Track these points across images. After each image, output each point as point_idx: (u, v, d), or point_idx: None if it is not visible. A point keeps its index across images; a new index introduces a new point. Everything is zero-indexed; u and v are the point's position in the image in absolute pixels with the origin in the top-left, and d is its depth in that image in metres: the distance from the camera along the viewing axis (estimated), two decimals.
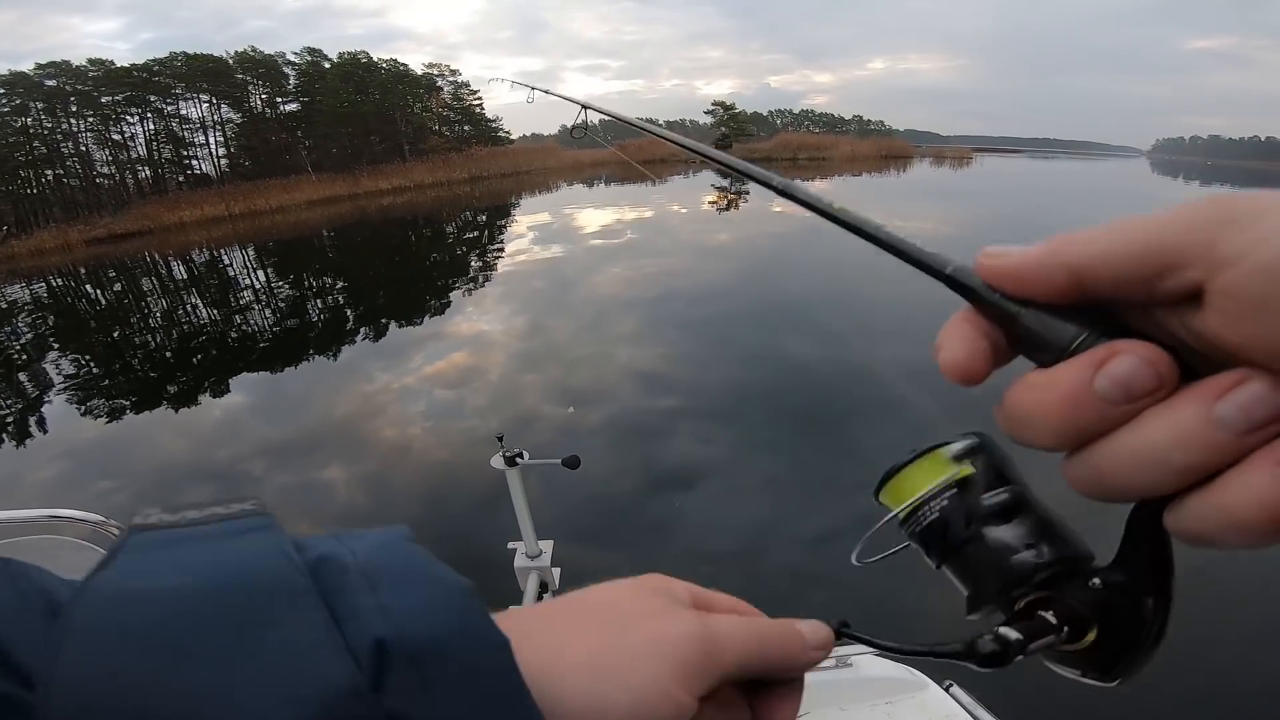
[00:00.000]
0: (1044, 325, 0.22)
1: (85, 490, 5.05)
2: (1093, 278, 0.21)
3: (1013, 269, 0.23)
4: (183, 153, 35.61)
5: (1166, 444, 0.19)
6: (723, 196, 24.26)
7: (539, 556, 1.58)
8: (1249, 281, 0.18)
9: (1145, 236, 0.20)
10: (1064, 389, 0.21)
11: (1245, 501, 0.18)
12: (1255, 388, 0.18)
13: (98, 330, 11.94)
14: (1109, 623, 0.26)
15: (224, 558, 0.21)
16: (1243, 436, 0.18)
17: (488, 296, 10.76)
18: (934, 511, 0.30)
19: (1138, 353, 0.20)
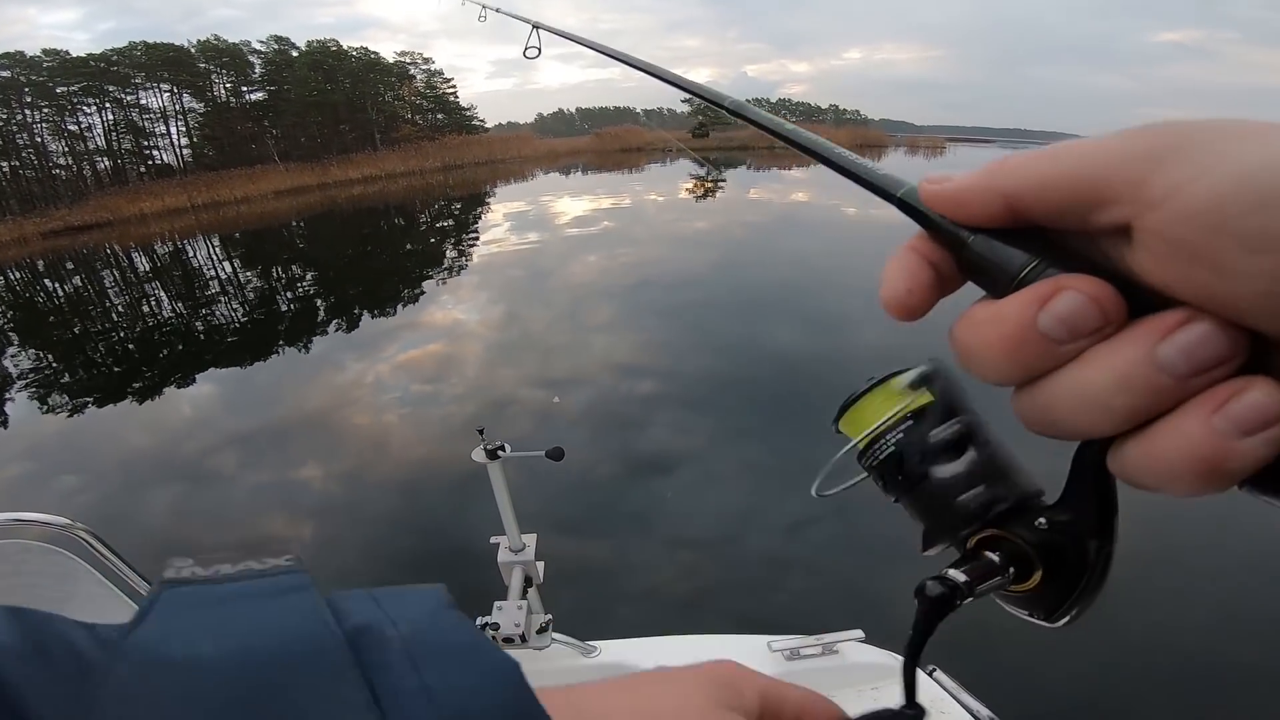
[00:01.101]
0: (993, 252, 0.22)
1: (49, 489, 4.90)
2: (1027, 206, 0.21)
3: (952, 194, 0.22)
4: (143, 143, 34.70)
5: (1109, 385, 0.19)
6: (700, 185, 24.24)
7: (522, 551, 1.55)
8: (1174, 225, 0.17)
9: (1079, 166, 0.19)
10: (1008, 326, 0.20)
11: (1178, 450, 0.18)
12: (1198, 329, 0.18)
13: (57, 325, 11.58)
14: (1053, 564, 0.25)
15: (262, 623, 0.20)
16: (1184, 380, 0.18)
17: (463, 286, 10.64)
18: (890, 444, 0.29)
19: (1082, 289, 0.19)
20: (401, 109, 42.66)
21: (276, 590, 0.22)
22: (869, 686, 1.36)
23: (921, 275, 0.24)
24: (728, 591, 3.19)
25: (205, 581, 0.22)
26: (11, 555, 1.45)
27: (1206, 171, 0.17)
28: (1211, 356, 0.18)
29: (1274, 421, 0.17)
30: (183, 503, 4.50)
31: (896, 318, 0.24)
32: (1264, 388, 0.17)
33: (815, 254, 11.55)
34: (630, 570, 3.39)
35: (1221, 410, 0.17)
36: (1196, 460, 0.18)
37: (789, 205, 19.02)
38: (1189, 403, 0.18)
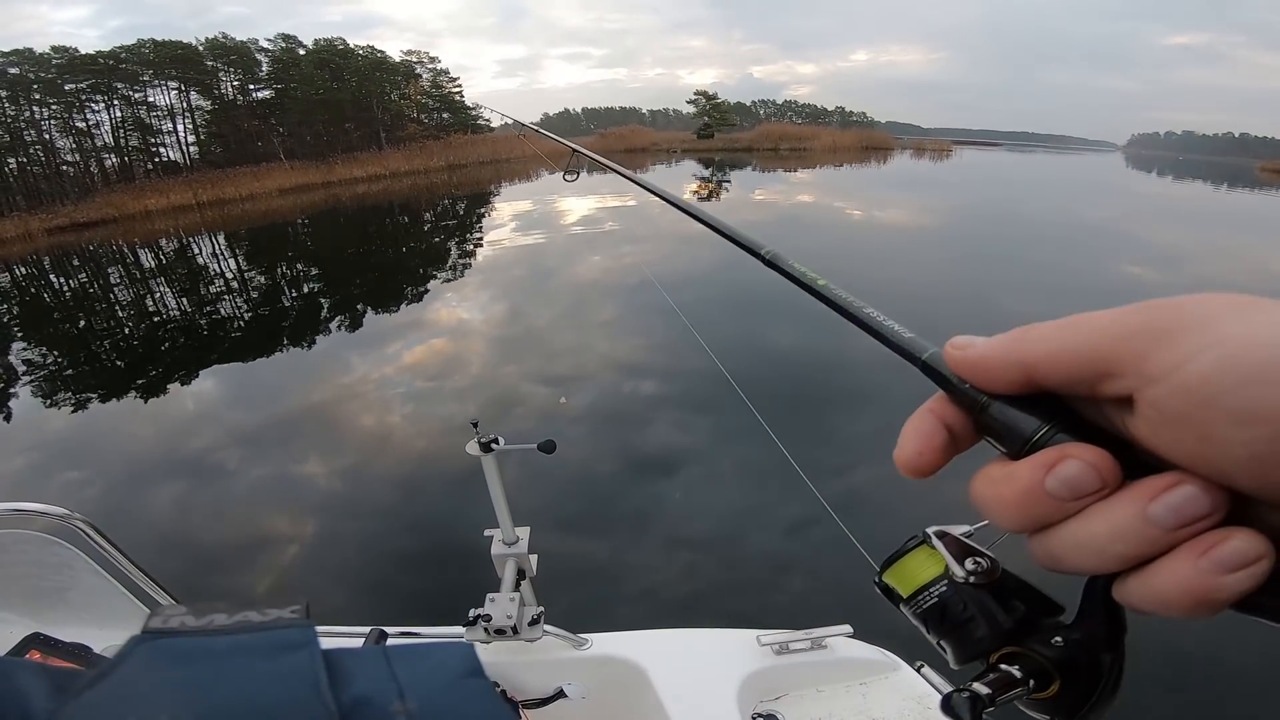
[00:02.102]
0: (1009, 417, 0.25)
1: (53, 482, 4.93)
2: (1043, 376, 0.24)
3: (975, 362, 0.25)
4: (150, 140, 34.81)
5: (1108, 537, 0.22)
6: (704, 186, 24.23)
7: (516, 543, 1.55)
8: (1171, 399, 0.20)
9: (1088, 342, 0.22)
10: (1020, 486, 0.23)
11: (1173, 587, 0.21)
12: (1186, 491, 0.21)
13: (63, 320, 11.64)
14: (1070, 676, 0.29)
15: (240, 687, 0.18)
16: (1172, 533, 0.21)
17: (467, 284, 10.66)
18: (934, 597, 0.34)
19: (1084, 457, 0.22)
20: (407, 108, 42.75)
21: (271, 646, 0.20)
22: (857, 681, 1.36)
23: (934, 438, 0.27)
24: (725, 592, 3.20)
25: (193, 633, 0.20)
26: (10, 545, 1.47)
27: (1200, 351, 0.19)
28: (1196, 513, 0.21)
29: (1252, 562, 0.20)
30: (186, 497, 4.52)
31: (908, 476, 0.27)
32: (1243, 537, 0.20)
33: (819, 255, 11.55)
34: (628, 570, 3.40)
35: (1207, 555, 0.20)
36: (1187, 595, 0.21)
37: (793, 206, 19.02)
38: (1180, 548, 0.21)
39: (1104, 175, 39.91)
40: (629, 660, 1.42)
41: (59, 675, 0.19)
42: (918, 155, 47.25)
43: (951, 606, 0.33)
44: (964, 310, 7.89)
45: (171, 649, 0.19)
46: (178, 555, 3.77)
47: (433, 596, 3.19)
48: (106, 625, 1.52)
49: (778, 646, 1.41)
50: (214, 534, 4.01)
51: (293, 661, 0.20)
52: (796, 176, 30.17)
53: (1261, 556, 0.20)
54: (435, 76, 43.82)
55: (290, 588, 3.47)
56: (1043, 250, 11.94)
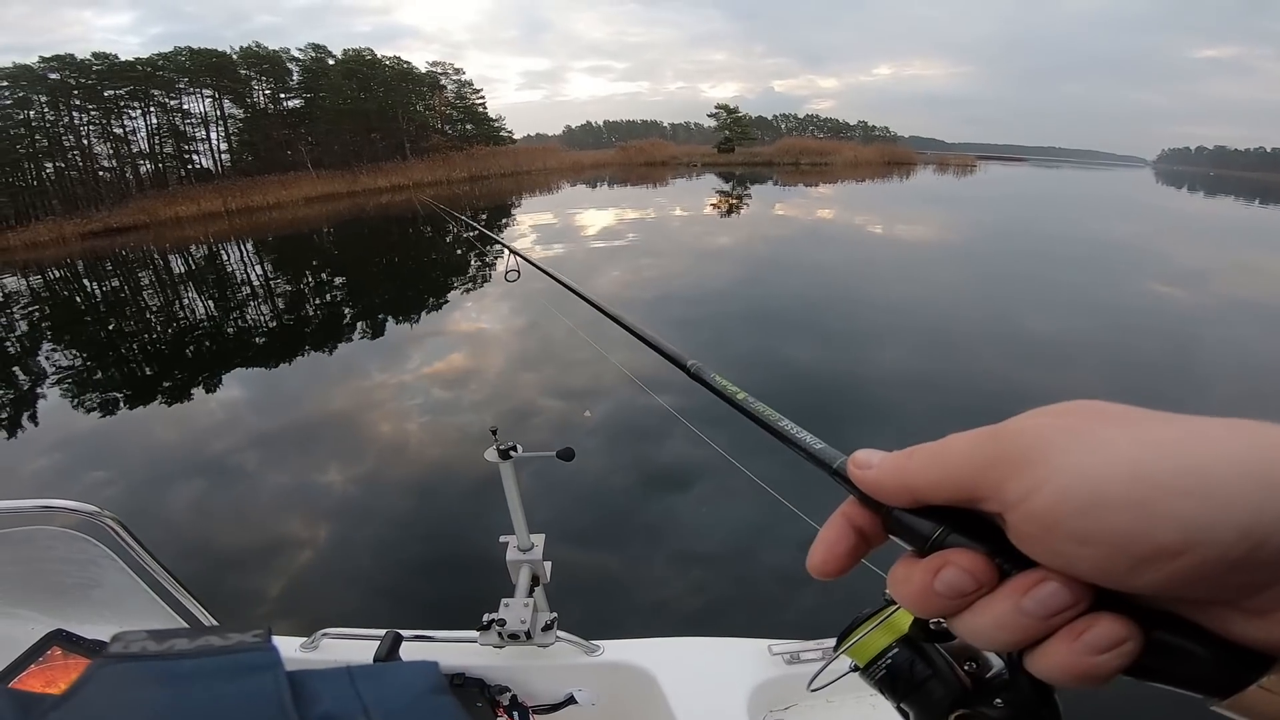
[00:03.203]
0: (908, 522, 0.28)
1: (79, 481, 5.04)
2: (925, 499, 0.27)
3: (872, 484, 0.29)
4: (184, 147, 35.65)
5: (993, 627, 0.25)
6: (724, 200, 24.30)
7: (530, 550, 1.57)
8: (1025, 524, 0.24)
9: (956, 471, 0.26)
10: (915, 587, 0.27)
11: (1057, 666, 0.24)
12: (1049, 588, 0.24)
13: (93, 323, 11.92)
14: None
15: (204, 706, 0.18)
16: (1044, 621, 0.24)
17: (487, 295, 10.76)
18: (886, 663, 0.38)
19: (961, 564, 0.26)
20: (431, 119, 43.36)
21: (235, 668, 0.20)
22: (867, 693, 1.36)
23: (839, 546, 0.30)
24: (737, 605, 3.19)
25: (154, 657, 0.20)
26: (40, 541, 1.49)
27: (1042, 484, 0.23)
28: (1061, 604, 0.24)
29: (1119, 644, 0.23)
30: (207, 499, 4.60)
31: (817, 578, 0.31)
32: (1106, 622, 0.23)
33: (839, 271, 11.52)
34: (640, 579, 3.40)
35: (1079, 640, 0.24)
36: (1070, 674, 0.24)
37: (814, 222, 18.99)
38: (1058, 633, 0.24)
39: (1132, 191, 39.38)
40: (640, 667, 1.43)
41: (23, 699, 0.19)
42: (941, 170, 46.96)
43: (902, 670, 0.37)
44: (986, 331, 7.82)
45: (134, 672, 0.19)
46: (197, 555, 3.83)
47: (448, 601, 3.21)
48: (129, 624, 1.53)
49: (789, 656, 1.41)
50: (233, 535, 4.07)
51: (257, 682, 0.20)
52: (817, 191, 30.13)
53: (1125, 639, 0.23)
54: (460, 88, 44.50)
55: (307, 590, 3.52)
56: (1066, 268, 11.79)
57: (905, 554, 0.29)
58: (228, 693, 0.19)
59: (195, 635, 0.21)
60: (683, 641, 1.52)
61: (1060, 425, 0.24)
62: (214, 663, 0.20)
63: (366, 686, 0.22)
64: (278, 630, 1.47)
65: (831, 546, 0.31)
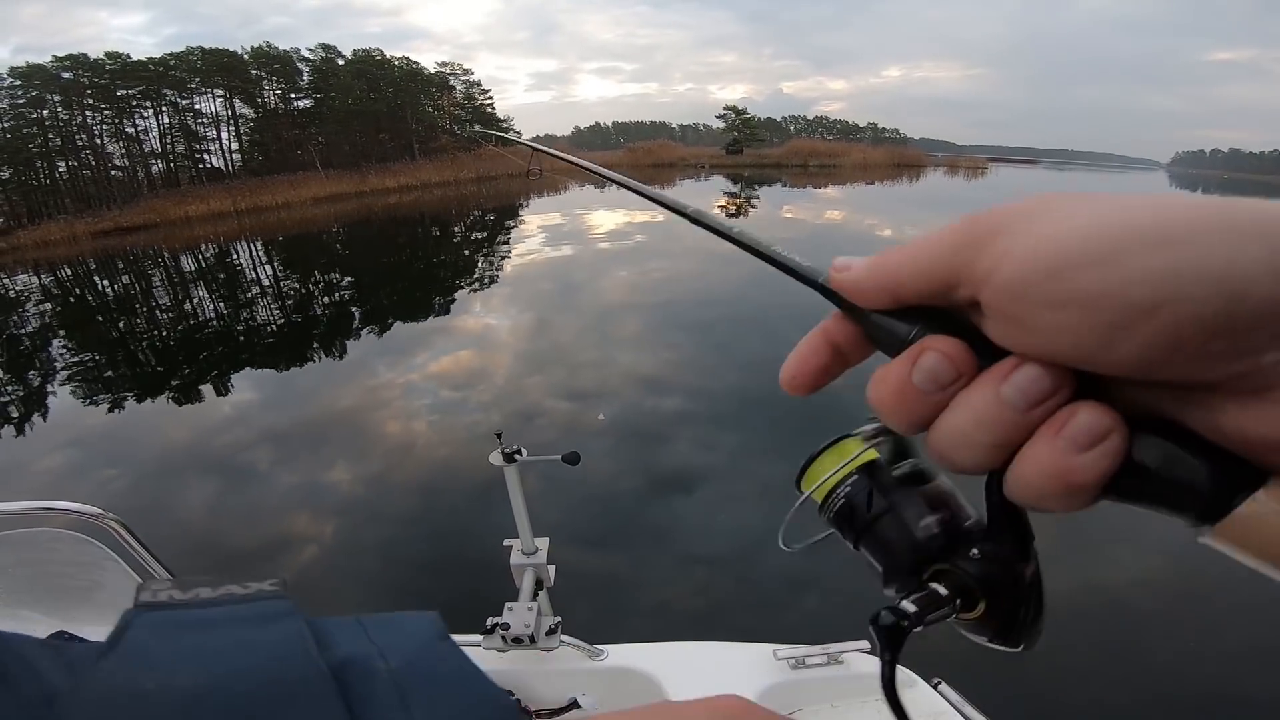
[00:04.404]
0: (886, 324, 0.27)
1: (89, 479, 5.08)
2: (905, 294, 0.25)
3: (851, 285, 0.27)
4: (195, 147, 35.88)
5: (972, 424, 0.23)
6: (732, 201, 24.27)
7: (535, 554, 1.57)
8: (996, 299, 0.22)
9: (930, 258, 0.24)
10: (893, 383, 0.25)
11: (1037, 472, 0.22)
12: (1027, 371, 0.22)
13: (104, 322, 12.01)
14: (992, 593, 0.28)
15: (240, 651, 0.19)
16: (1026, 413, 0.22)
17: (495, 296, 10.78)
18: (842, 496, 0.34)
19: (939, 348, 0.24)
20: (440, 119, 43.50)
21: (259, 617, 0.21)
22: (873, 697, 1.35)
23: (811, 360, 0.30)
24: (741, 608, 3.18)
25: (183, 605, 0.21)
26: (42, 543, 1.47)
27: (1009, 252, 0.21)
28: (1042, 391, 0.22)
29: (1104, 437, 0.21)
30: (215, 497, 4.62)
31: (789, 393, 0.30)
32: (1088, 410, 0.21)
33: None
34: (645, 585, 3.39)
35: (1061, 433, 0.21)
36: (1051, 479, 0.21)
37: (823, 224, 18.95)
38: (1038, 433, 0.22)
39: None
40: (644, 672, 1.43)
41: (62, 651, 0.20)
42: (951, 173, 46.76)
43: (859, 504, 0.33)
44: None
45: (169, 620, 0.20)
46: (204, 553, 3.85)
47: (452, 604, 3.21)
48: None
49: (794, 661, 1.40)
50: (240, 533, 4.09)
51: (282, 629, 0.21)
52: (826, 193, 30.05)
53: (1109, 429, 0.21)
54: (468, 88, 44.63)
55: (312, 589, 3.53)
56: None
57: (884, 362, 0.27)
58: (258, 638, 0.20)
59: (216, 584, 0.22)
60: (687, 646, 1.51)
61: (1029, 203, 0.22)
62: (240, 610, 0.21)
63: (377, 633, 0.22)
64: None
65: (804, 360, 0.30)
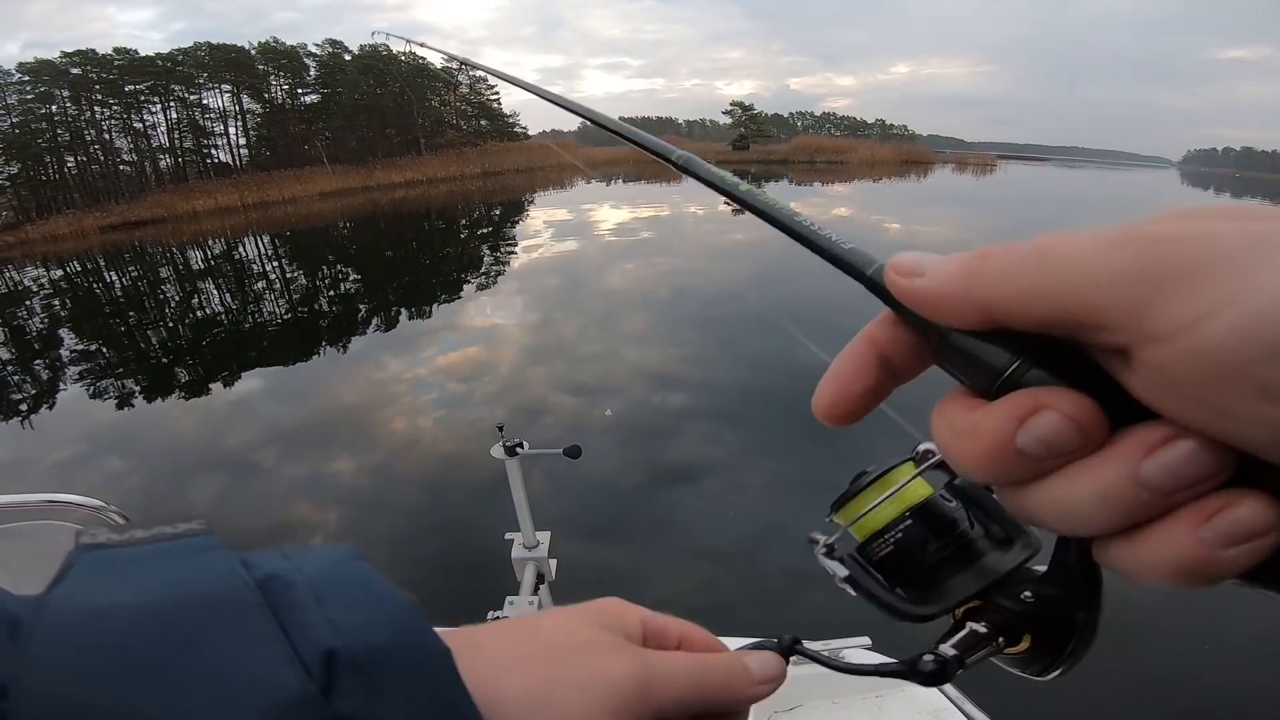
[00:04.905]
0: (974, 349, 0.20)
1: (97, 472, 5.11)
2: (1008, 318, 0.19)
3: (922, 293, 0.21)
4: (203, 142, 35.96)
5: (1091, 501, 0.18)
6: None
7: (536, 548, 1.57)
8: (1179, 365, 0.16)
9: (1066, 286, 0.18)
10: (986, 442, 0.19)
11: (1164, 556, 0.18)
12: (1183, 449, 0.17)
13: (112, 315, 12.07)
14: (1041, 632, 0.26)
15: (176, 575, 0.22)
16: (1167, 497, 0.18)
17: (501, 291, 10.79)
18: (891, 543, 0.31)
19: (1062, 409, 0.18)
20: (446, 114, 43.47)
21: (190, 549, 0.23)
22: (873, 694, 1.35)
23: (858, 382, 0.23)
24: (744, 603, 3.18)
25: (120, 545, 0.23)
26: (43, 537, 1.46)
27: (1218, 309, 0.15)
28: (1197, 474, 0.17)
29: (1260, 535, 0.17)
30: (222, 489, 4.65)
31: (826, 424, 0.24)
32: (1253, 505, 0.17)
33: None
34: (648, 578, 3.40)
35: (1209, 524, 0.17)
36: (1181, 568, 0.18)
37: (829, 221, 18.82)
38: (1176, 513, 0.18)
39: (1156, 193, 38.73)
40: None
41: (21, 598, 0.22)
42: (959, 170, 46.46)
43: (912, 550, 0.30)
44: None
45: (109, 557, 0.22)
46: None
47: (453, 597, 3.21)
48: None
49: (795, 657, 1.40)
50: (244, 525, 4.11)
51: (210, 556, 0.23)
52: (833, 190, 29.94)
53: (1273, 527, 0.17)
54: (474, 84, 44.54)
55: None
56: None
57: (956, 392, 0.21)
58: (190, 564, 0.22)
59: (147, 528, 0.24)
60: None
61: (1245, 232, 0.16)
62: (173, 546, 0.23)
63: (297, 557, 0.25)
64: None
65: (847, 382, 0.23)
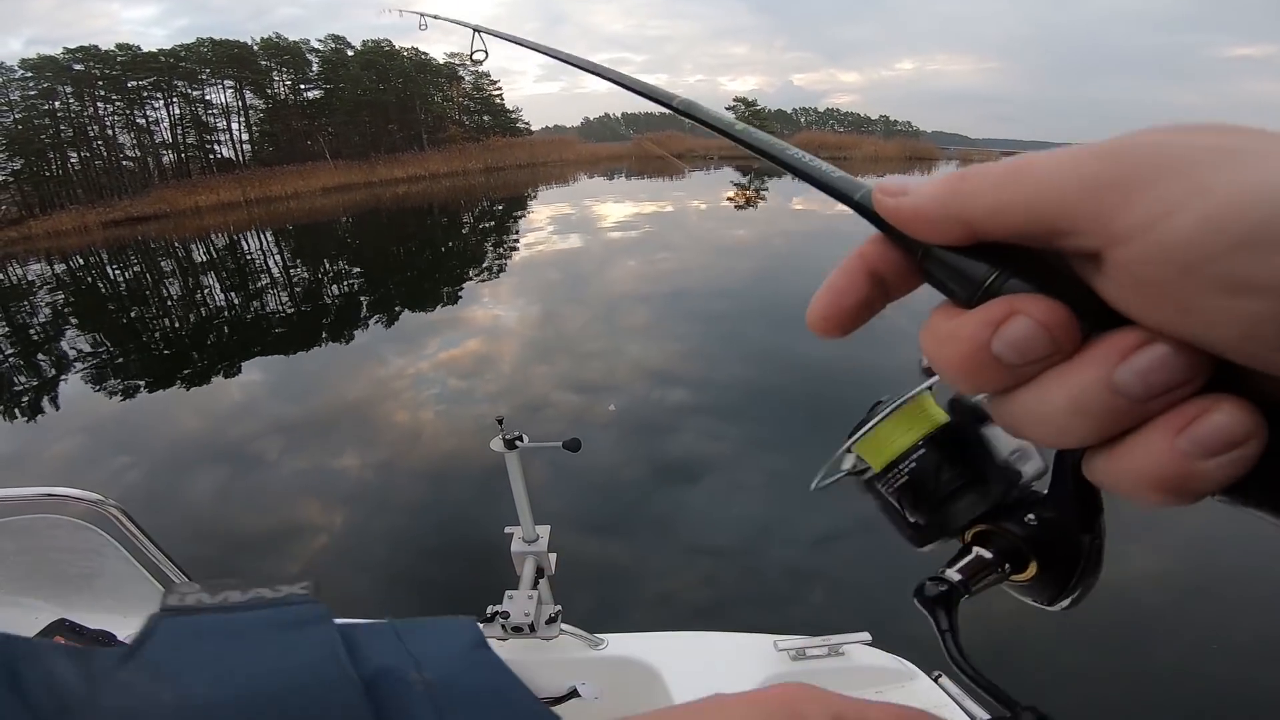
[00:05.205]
0: (955, 263, 0.21)
1: (101, 466, 5.12)
2: (985, 231, 0.20)
3: (908, 214, 0.22)
4: (206, 138, 35.98)
5: (1067, 408, 0.19)
6: (741, 193, 24.18)
7: (536, 541, 1.56)
8: (1145, 264, 0.17)
9: (1037, 195, 0.18)
10: (964, 347, 0.20)
11: (1143, 468, 0.18)
12: (1157, 352, 0.17)
13: (115, 310, 12.09)
14: (1046, 557, 0.26)
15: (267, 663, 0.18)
16: (1142, 404, 0.18)
17: (503, 286, 10.78)
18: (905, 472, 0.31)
19: (1034, 314, 0.19)
20: (449, 110, 43.44)
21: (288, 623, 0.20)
22: (873, 690, 1.34)
23: (849, 295, 0.24)
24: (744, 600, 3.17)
25: (210, 610, 0.20)
26: (44, 530, 1.48)
27: (1181, 205, 0.16)
28: (1170, 380, 0.17)
29: (1240, 443, 0.17)
30: (224, 483, 4.65)
31: (818, 335, 0.25)
32: (1229, 410, 0.17)
33: None
34: (648, 574, 3.39)
35: (1186, 432, 0.17)
36: (1162, 479, 0.18)
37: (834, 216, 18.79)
38: (1153, 421, 0.18)
39: None
40: (644, 662, 1.42)
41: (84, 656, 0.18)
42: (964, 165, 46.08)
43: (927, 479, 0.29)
44: None
45: (193, 626, 0.19)
46: (211, 539, 3.88)
47: (453, 591, 3.22)
48: (132, 613, 1.52)
49: (794, 652, 1.39)
50: (247, 520, 4.12)
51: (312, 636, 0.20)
52: None
53: (1251, 435, 0.17)
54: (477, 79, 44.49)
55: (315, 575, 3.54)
56: None
57: (942, 305, 0.22)
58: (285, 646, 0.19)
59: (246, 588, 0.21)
60: (688, 636, 1.50)
61: (1205, 138, 0.17)
62: (268, 615, 0.20)
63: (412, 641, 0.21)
64: None
65: (839, 294, 0.24)
